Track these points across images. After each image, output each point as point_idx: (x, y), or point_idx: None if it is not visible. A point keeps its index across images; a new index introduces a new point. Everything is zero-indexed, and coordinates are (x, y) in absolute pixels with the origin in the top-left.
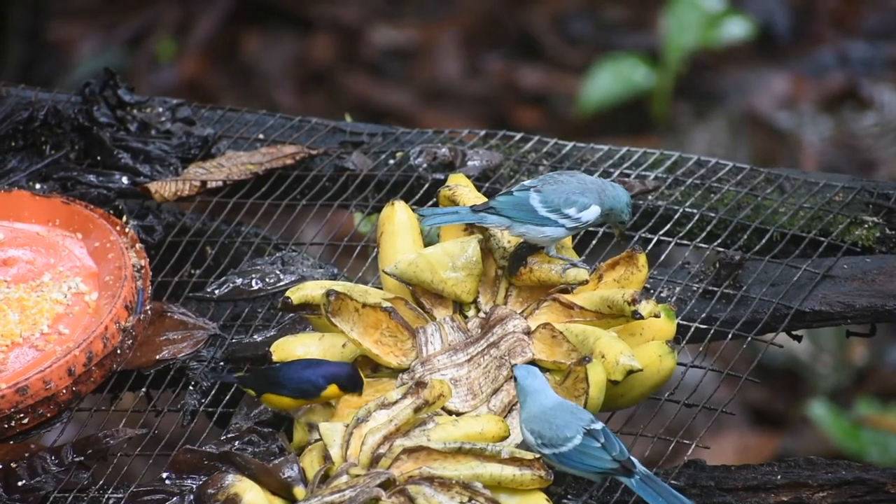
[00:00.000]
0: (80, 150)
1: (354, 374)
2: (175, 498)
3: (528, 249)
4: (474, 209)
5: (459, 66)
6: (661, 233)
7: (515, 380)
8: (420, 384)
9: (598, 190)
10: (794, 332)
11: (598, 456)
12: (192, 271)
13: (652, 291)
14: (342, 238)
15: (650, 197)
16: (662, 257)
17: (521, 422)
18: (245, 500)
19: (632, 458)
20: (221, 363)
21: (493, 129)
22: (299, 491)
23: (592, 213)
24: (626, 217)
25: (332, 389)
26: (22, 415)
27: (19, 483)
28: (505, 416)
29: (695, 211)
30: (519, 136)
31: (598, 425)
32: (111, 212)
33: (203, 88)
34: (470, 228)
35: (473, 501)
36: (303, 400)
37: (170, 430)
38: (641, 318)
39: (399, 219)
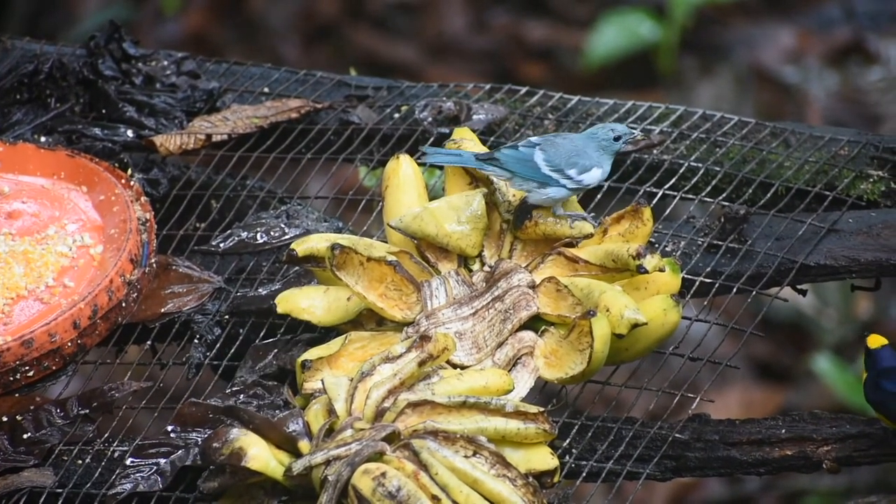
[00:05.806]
0: (84, 103)
1: None
2: (180, 451)
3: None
4: (477, 156)
5: (465, 20)
6: (666, 187)
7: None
8: (424, 338)
9: (596, 147)
10: (798, 286)
11: None
12: (197, 225)
13: (657, 245)
14: (347, 192)
15: (655, 151)
16: (667, 211)
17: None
18: (250, 454)
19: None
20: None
21: (498, 84)
22: (304, 445)
23: (594, 175)
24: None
25: None
26: (27, 367)
27: (25, 436)
28: (509, 370)
29: (700, 165)
30: (524, 90)
31: None
32: (116, 165)
33: (208, 42)
34: (475, 182)
35: (478, 455)
36: None
37: (175, 383)
38: (646, 272)
39: (404, 172)
